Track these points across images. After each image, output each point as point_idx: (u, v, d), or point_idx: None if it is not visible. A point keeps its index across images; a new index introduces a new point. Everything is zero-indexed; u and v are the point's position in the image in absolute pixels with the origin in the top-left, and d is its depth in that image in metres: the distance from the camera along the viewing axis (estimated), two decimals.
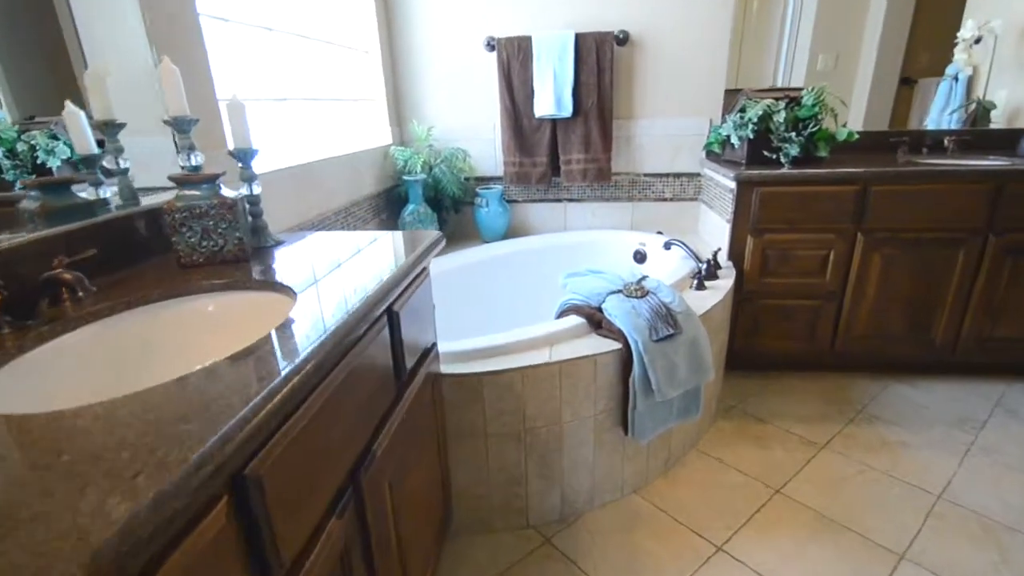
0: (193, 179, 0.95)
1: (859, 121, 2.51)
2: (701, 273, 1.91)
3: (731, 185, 2.07)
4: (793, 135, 2.03)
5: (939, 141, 2.38)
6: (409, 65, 2.54)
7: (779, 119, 2.03)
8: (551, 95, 2.39)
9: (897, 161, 2.19)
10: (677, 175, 2.57)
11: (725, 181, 2.15)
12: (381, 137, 2.47)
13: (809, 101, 2.05)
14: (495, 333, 1.46)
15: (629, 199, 2.64)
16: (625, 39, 2.35)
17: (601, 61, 2.36)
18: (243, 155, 1.06)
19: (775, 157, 2.07)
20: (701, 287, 1.88)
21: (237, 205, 0.97)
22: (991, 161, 2.13)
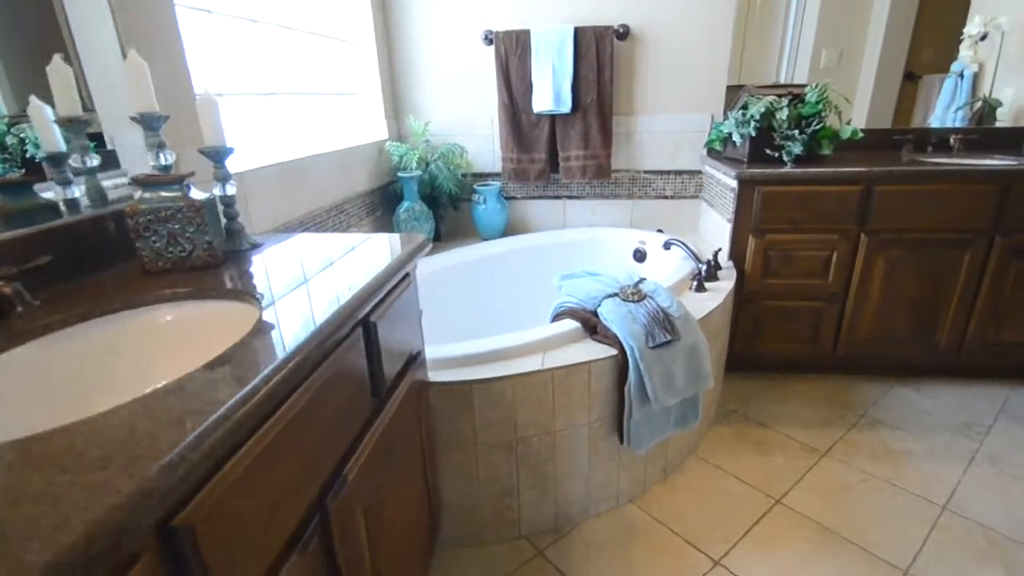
0: (158, 180, 0.89)
1: (862, 118, 2.44)
2: (701, 274, 1.86)
3: (732, 184, 2.01)
4: (796, 133, 1.98)
5: (944, 139, 2.32)
6: (405, 59, 2.48)
7: (782, 116, 1.97)
8: (550, 90, 2.33)
9: (902, 160, 2.13)
10: (678, 172, 2.51)
11: (726, 180, 2.09)
12: (376, 132, 2.41)
13: (813, 98, 1.99)
14: (488, 337, 1.41)
15: (629, 196, 2.58)
16: (625, 33, 2.29)
17: (601, 56, 2.29)
18: (216, 153, 1.00)
19: (777, 155, 2.01)
20: (701, 289, 1.83)
21: (206, 207, 0.91)
22: (998, 160, 2.07)
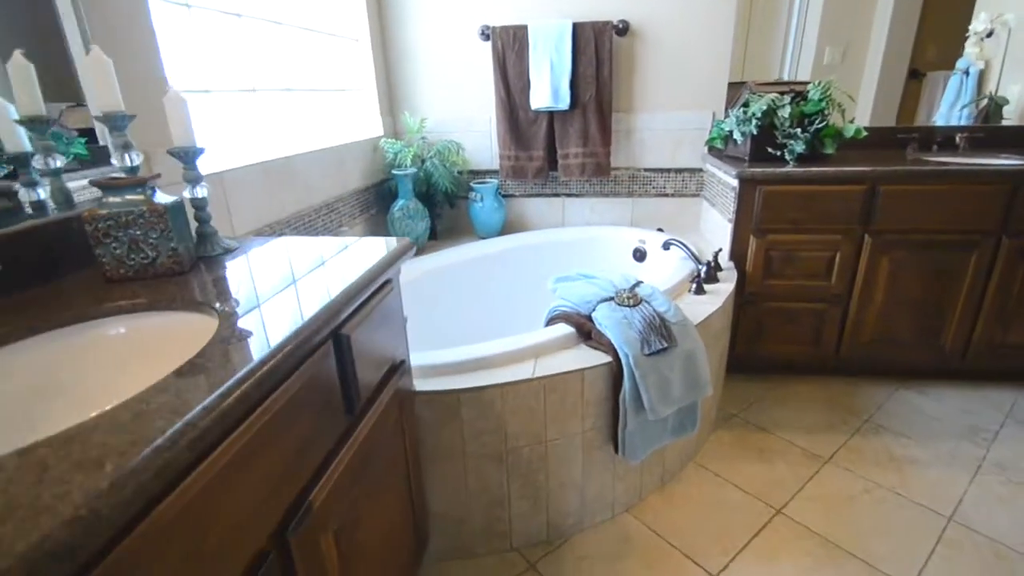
0: (118, 183, 0.84)
1: (866, 116, 2.38)
2: (700, 276, 1.81)
3: (733, 183, 1.96)
4: (798, 131, 1.92)
5: (950, 138, 2.26)
6: (401, 54, 2.43)
7: (784, 114, 1.91)
8: (548, 87, 2.27)
9: (907, 159, 2.07)
10: (678, 170, 2.46)
11: (727, 179, 2.04)
12: (371, 129, 2.36)
13: (816, 95, 1.94)
14: (477, 343, 1.36)
15: (629, 195, 2.53)
16: (625, 29, 2.23)
17: (600, 52, 2.24)
18: (185, 154, 0.95)
19: (780, 154, 1.96)
20: (700, 291, 1.78)
21: (171, 212, 0.86)
22: (1005, 160, 2.01)
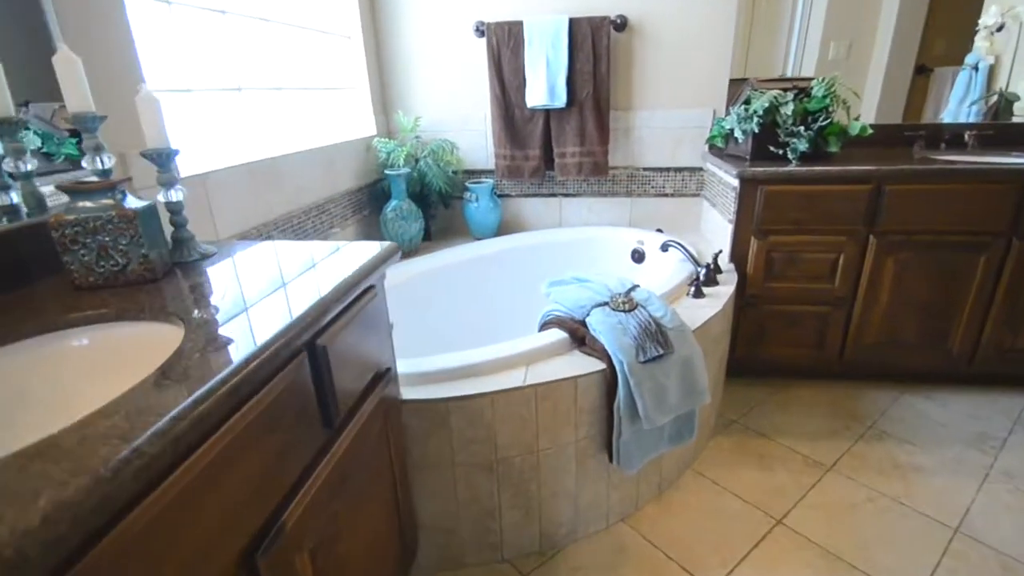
0: (85, 187, 0.81)
1: (871, 113, 2.32)
2: (699, 279, 1.76)
3: (734, 183, 1.91)
4: (801, 129, 1.87)
5: (958, 136, 2.20)
6: (395, 51, 2.38)
7: (786, 111, 1.86)
8: (544, 84, 2.23)
9: (913, 157, 2.02)
10: (678, 169, 2.41)
11: (728, 178, 1.99)
12: (364, 128, 2.32)
13: (819, 92, 1.89)
14: (469, 350, 1.33)
15: (627, 194, 2.48)
16: (623, 24, 2.18)
17: (597, 48, 2.19)
18: (159, 156, 0.92)
19: (782, 152, 1.91)
20: (699, 295, 1.73)
21: (143, 216, 0.83)
22: (1016, 158, 1.96)
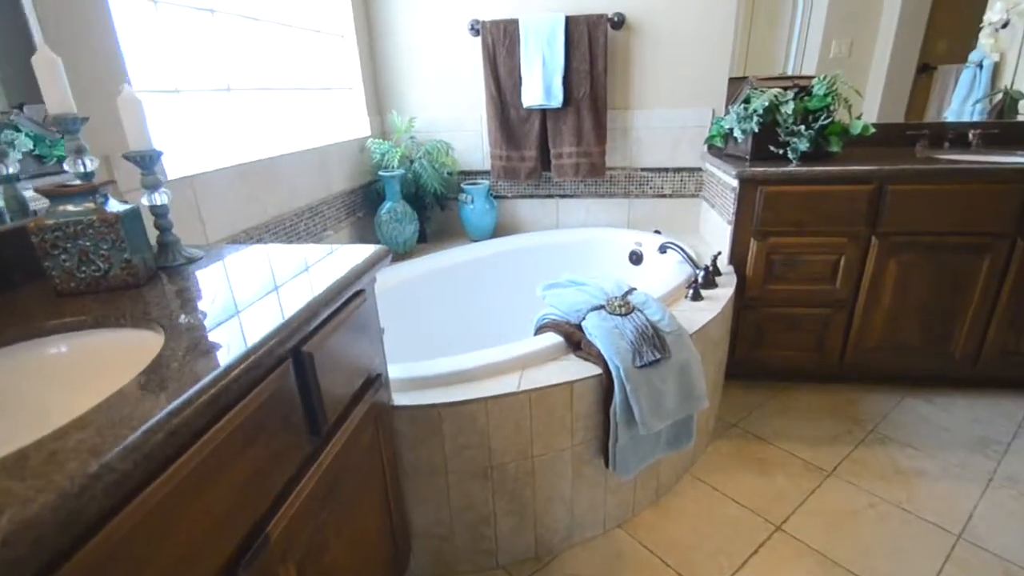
0: (65, 191, 0.79)
1: (873, 112, 2.30)
2: (698, 281, 1.74)
3: (733, 183, 1.89)
4: (802, 128, 1.84)
5: (962, 135, 2.17)
6: (389, 50, 2.36)
7: (787, 110, 1.83)
8: (540, 83, 2.20)
9: (916, 157, 1.99)
10: (677, 170, 2.38)
11: (727, 179, 1.97)
12: (358, 129, 2.30)
13: (821, 91, 1.86)
14: (462, 354, 1.30)
15: (625, 195, 2.46)
16: (620, 22, 2.15)
17: (594, 46, 2.16)
18: (142, 159, 0.90)
19: (782, 152, 1.88)
20: (697, 298, 1.71)
21: (126, 220, 0.81)
22: (1021, 157, 1.93)
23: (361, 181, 2.25)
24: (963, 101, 2.31)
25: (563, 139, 2.28)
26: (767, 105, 1.85)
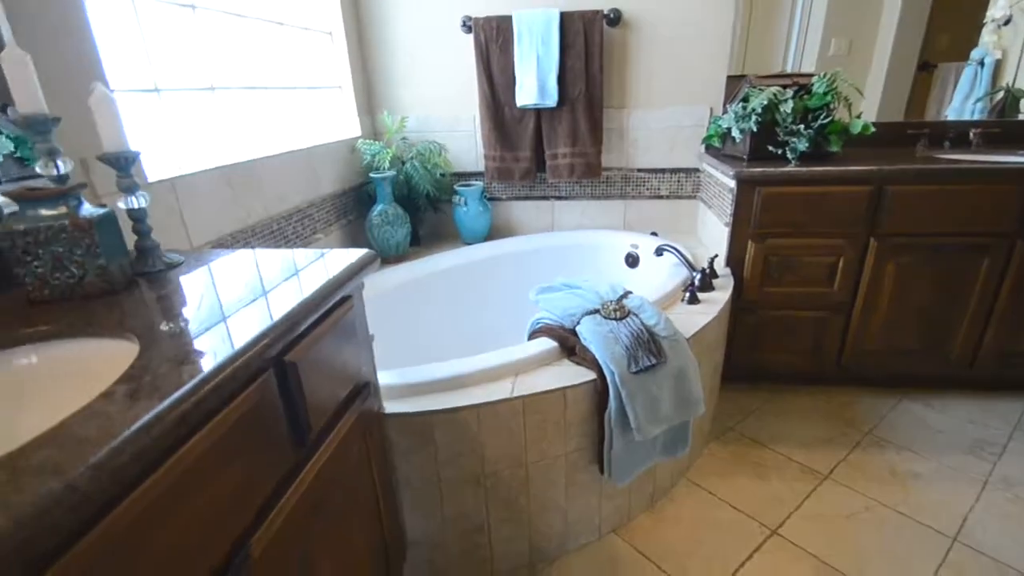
0: (36, 195, 0.75)
1: (873, 110, 2.27)
2: (694, 285, 1.71)
3: (731, 184, 1.86)
4: (801, 127, 1.82)
5: (963, 134, 2.15)
6: (380, 48, 2.31)
7: (786, 109, 1.81)
8: (534, 82, 2.17)
9: (916, 157, 1.97)
10: (674, 171, 2.36)
11: (724, 179, 1.94)
12: (348, 129, 2.26)
13: (820, 89, 1.84)
14: (454, 360, 1.28)
15: (621, 197, 2.43)
16: (617, 19, 2.12)
17: (589, 44, 2.13)
18: (117, 160, 0.86)
19: (781, 152, 1.86)
20: (694, 300, 1.69)
21: (101, 225, 0.78)
22: (1022, 157, 1.91)
23: (352, 183, 2.21)
24: (964, 99, 2.29)
25: (558, 139, 2.25)
26: (766, 104, 1.82)
